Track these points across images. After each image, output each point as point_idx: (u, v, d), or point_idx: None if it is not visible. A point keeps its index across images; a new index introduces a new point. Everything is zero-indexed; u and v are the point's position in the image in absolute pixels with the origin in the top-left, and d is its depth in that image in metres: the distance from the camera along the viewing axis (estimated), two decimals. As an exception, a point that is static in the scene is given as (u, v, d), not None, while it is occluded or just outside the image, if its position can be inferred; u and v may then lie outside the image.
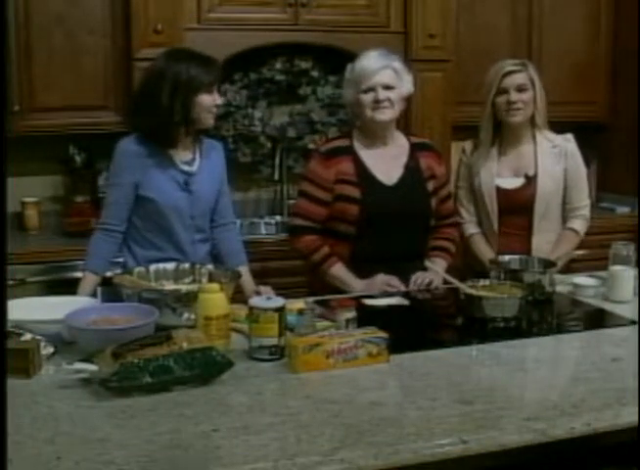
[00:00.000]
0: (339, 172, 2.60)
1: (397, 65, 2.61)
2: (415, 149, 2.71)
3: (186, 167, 2.51)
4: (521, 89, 2.77)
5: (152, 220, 2.50)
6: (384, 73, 2.57)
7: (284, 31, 3.65)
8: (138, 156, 2.45)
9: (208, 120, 2.49)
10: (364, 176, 2.61)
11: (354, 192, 2.59)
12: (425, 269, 2.64)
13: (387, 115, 2.58)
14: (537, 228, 2.83)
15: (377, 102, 2.56)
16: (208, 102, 2.45)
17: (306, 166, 2.76)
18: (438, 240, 2.75)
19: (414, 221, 2.65)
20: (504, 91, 2.77)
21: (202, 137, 2.59)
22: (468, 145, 2.96)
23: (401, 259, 2.60)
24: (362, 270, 2.59)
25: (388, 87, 2.57)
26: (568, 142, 2.87)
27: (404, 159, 2.68)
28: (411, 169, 2.67)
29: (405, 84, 2.62)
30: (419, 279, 2.58)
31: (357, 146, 2.66)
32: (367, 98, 2.57)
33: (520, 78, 2.77)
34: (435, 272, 2.61)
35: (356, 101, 2.61)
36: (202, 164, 2.55)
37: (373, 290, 2.52)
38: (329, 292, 2.50)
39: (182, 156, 2.51)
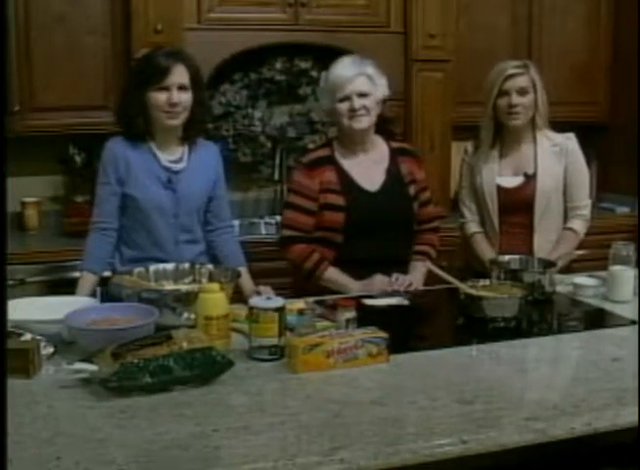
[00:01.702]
0: (322, 182, 2.61)
1: (371, 70, 2.59)
2: (395, 154, 2.72)
3: (171, 166, 2.50)
4: (522, 92, 2.76)
5: (135, 219, 2.49)
6: (358, 81, 2.56)
7: (284, 31, 3.65)
8: (122, 154, 2.46)
9: (165, 121, 2.43)
10: (347, 184, 2.62)
11: (339, 200, 2.60)
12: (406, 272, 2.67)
13: (364, 122, 2.58)
14: (538, 227, 2.83)
15: (353, 110, 2.56)
16: (159, 100, 2.40)
17: (291, 179, 2.76)
18: (419, 245, 2.76)
19: (398, 226, 2.67)
20: (505, 94, 2.77)
21: (197, 138, 2.57)
22: (470, 145, 2.96)
23: (387, 264, 2.60)
24: (349, 276, 2.60)
25: (362, 95, 2.56)
26: (569, 140, 2.87)
27: (385, 164, 2.69)
28: (393, 175, 2.68)
29: (380, 88, 2.61)
30: (399, 279, 2.58)
31: (338, 155, 2.66)
32: (343, 107, 2.57)
33: (521, 81, 2.77)
34: (415, 276, 2.65)
35: (333, 110, 2.61)
36: (190, 164, 2.53)
37: (371, 290, 2.52)
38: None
39: (168, 154, 2.51)
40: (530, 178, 2.83)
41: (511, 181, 2.85)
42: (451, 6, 3.88)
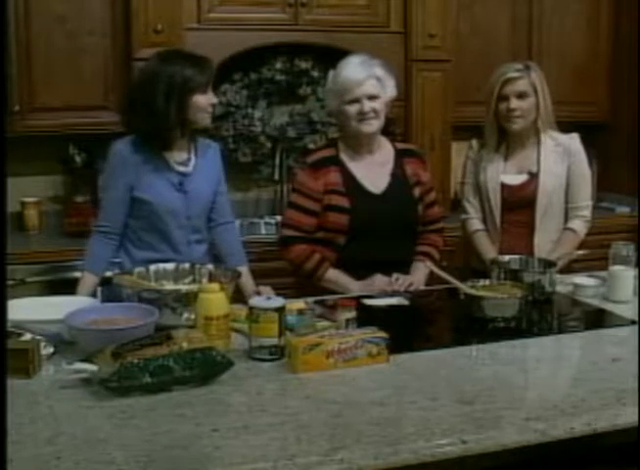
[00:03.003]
0: (327, 183, 2.60)
1: (380, 71, 2.57)
2: (400, 155, 2.72)
3: (181, 168, 2.50)
4: (521, 96, 2.75)
5: (147, 221, 2.50)
6: (368, 84, 2.53)
7: (284, 31, 3.65)
8: (132, 158, 2.44)
9: (205, 120, 2.49)
10: (352, 186, 2.61)
11: (343, 202, 2.59)
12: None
13: (373, 126, 2.57)
14: (539, 226, 2.82)
15: (362, 114, 2.54)
16: (204, 102, 2.44)
17: (295, 179, 2.76)
18: (422, 246, 2.75)
19: (402, 228, 2.66)
20: (505, 98, 2.77)
21: (197, 137, 2.58)
22: (475, 142, 2.96)
23: (389, 266, 2.59)
24: (350, 276, 2.60)
25: (372, 97, 2.54)
26: (572, 140, 2.87)
27: (390, 166, 2.68)
28: (397, 177, 2.67)
29: (388, 90, 2.59)
30: (400, 280, 2.58)
31: (343, 156, 2.65)
32: (352, 109, 2.55)
33: (520, 86, 2.76)
34: (417, 276, 2.65)
35: (341, 112, 2.59)
36: (197, 165, 2.54)
37: (372, 290, 2.52)
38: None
39: (177, 156, 2.51)
40: (534, 176, 2.83)
41: (514, 179, 2.85)
42: (451, 6, 3.88)
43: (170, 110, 2.39)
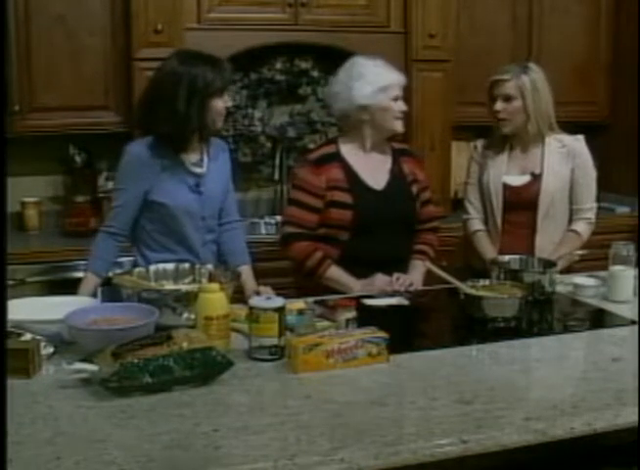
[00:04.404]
0: (329, 179, 2.61)
1: None
2: (397, 154, 2.75)
3: (196, 169, 2.50)
4: (507, 99, 2.77)
5: (163, 223, 2.49)
6: (402, 88, 2.67)
7: (284, 31, 3.65)
8: (149, 162, 2.42)
9: (218, 124, 2.49)
10: (354, 182, 2.63)
11: (346, 198, 2.60)
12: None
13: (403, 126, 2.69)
14: (541, 227, 2.82)
15: (402, 112, 2.65)
16: (221, 106, 2.44)
17: (296, 176, 2.75)
18: (419, 245, 2.77)
19: (401, 225, 2.68)
20: (494, 100, 2.79)
21: (209, 138, 2.58)
22: (480, 143, 2.96)
23: (388, 263, 2.61)
24: (351, 274, 2.60)
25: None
26: (577, 142, 2.87)
27: (389, 164, 2.71)
28: (396, 174, 2.70)
29: None
30: (400, 279, 2.59)
31: (344, 152, 2.67)
32: (396, 106, 2.62)
33: (506, 88, 2.77)
34: (415, 275, 2.67)
35: (383, 106, 2.60)
36: (210, 165, 2.54)
37: (372, 290, 2.52)
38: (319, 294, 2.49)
39: (191, 157, 2.50)
40: (536, 178, 2.83)
41: (517, 179, 2.85)
42: (451, 6, 3.87)
43: (191, 113, 2.38)
